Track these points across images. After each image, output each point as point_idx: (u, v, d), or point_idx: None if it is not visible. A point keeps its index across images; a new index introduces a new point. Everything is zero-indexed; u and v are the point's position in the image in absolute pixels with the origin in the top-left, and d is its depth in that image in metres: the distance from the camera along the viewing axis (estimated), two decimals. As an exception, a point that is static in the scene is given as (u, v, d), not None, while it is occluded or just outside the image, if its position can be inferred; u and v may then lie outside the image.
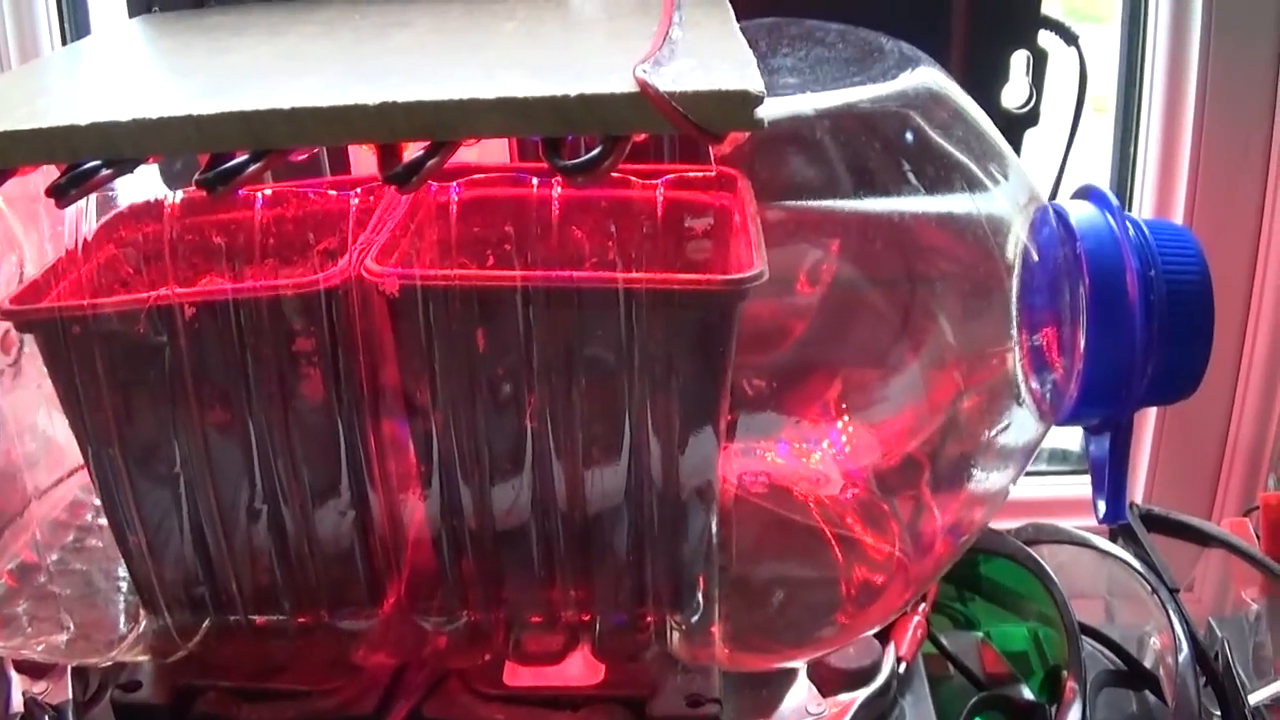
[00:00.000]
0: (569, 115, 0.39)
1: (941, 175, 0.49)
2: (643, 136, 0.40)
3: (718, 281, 0.43)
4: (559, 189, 0.44)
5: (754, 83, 0.39)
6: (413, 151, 0.40)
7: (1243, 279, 0.97)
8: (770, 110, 0.39)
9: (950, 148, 0.49)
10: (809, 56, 0.49)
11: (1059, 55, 0.67)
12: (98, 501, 0.61)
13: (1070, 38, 0.66)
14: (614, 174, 0.41)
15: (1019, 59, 0.65)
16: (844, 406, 0.57)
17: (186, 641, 0.51)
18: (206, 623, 0.51)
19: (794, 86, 0.45)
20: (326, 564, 0.48)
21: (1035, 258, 0.51)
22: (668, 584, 0.49)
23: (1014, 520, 0.68)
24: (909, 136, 0.48)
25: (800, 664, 0.52)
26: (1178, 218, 0.95)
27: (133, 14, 0.68)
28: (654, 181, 0.46)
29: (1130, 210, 0.92)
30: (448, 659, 0.50)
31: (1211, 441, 1.02)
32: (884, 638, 0.54)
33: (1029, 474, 0.55)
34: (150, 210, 0.54)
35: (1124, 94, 0.96)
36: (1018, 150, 0.69)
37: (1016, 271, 0.51)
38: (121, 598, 0.55)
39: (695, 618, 0.50)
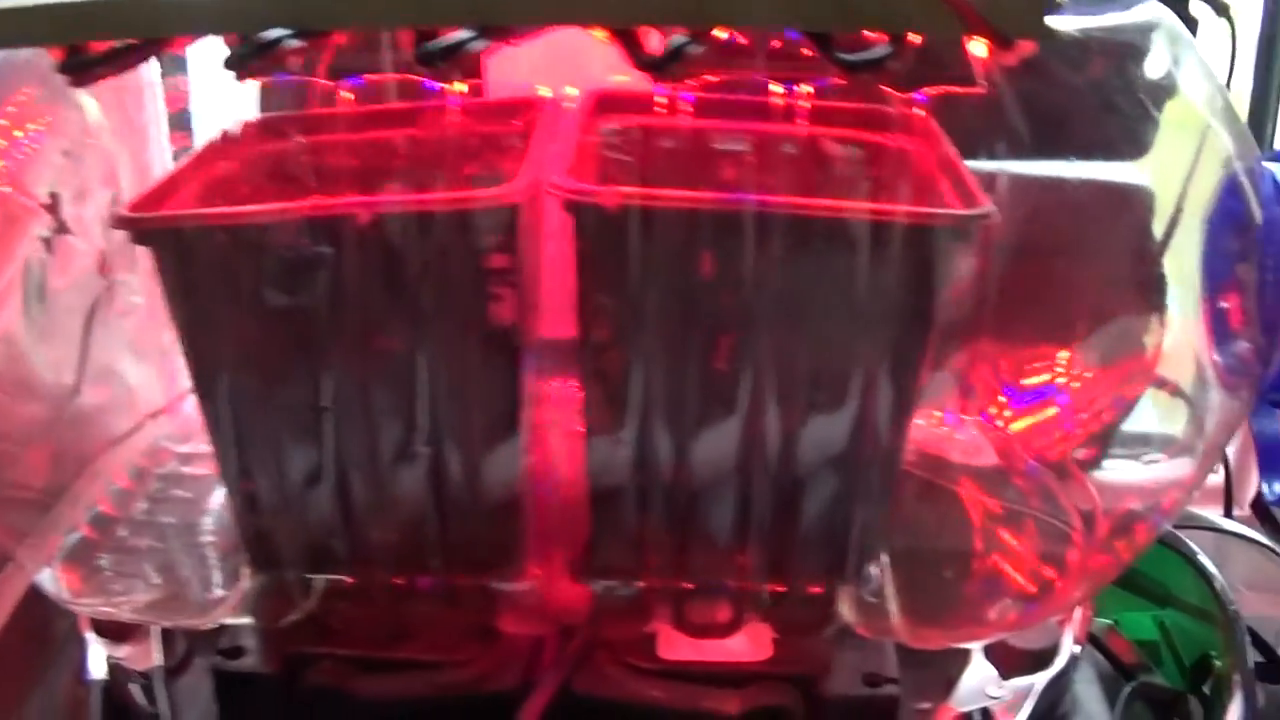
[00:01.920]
0: (851, 6, 0.32)
1: (1152, 114, 0.43)
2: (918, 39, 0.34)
3: (957, 217, 0.38)
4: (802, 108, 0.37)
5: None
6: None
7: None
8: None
9: (1170, 87, 0.43)
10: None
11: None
12: (183, 449, 0.54)
13: (1220, 8, 0.60)
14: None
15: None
16: (1005, 376, 0.52)
17: (301, 603, 0.44)
18: (323, 583, 0.44)
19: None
20: (485, 516, 0.41)
21: (1244, 217, 0.45)
22: (853, 552, 0.43)
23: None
24: (1137, 70, 0.42)
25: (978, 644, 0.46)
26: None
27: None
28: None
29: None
30: (604, 628, 0.44)
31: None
32: (1058, 618, 0.48)
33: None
34: (266, 128, 0.47)
35: (1254, 105, 0.85)
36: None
37: (1203, 231, 0.45)
38: (219, 553, 0.47)
39: (872, 588, 0.44)
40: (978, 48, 0.35)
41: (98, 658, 0.48)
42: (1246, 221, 0.44)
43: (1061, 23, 0.38)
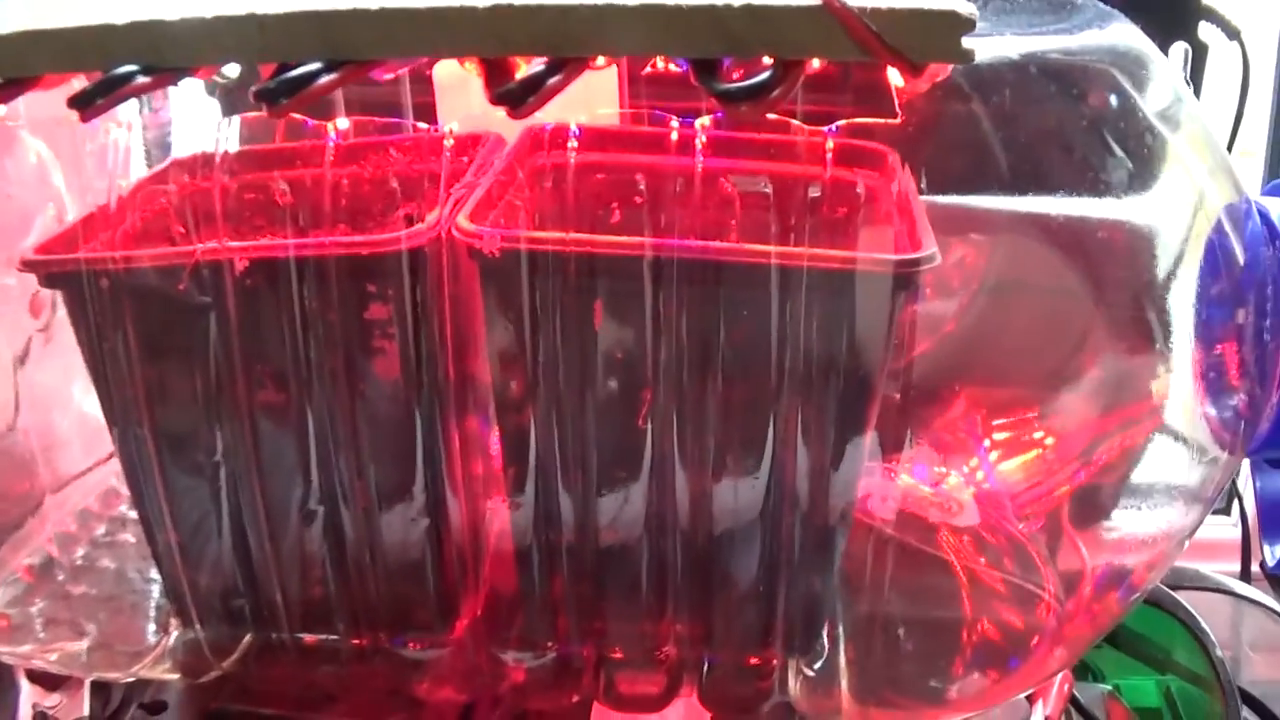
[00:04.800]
0: (731, 30, 0.28)
1: (1143, 151, 0.38)
2: (818, 65, 0.29)
3: (891, 262, 0.32)
4: (703, 139, 0.32)
5: (962, 4, 0.28)
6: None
7: None
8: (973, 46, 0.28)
9: (1154, 120, 0.37)
10: (988, 5, 0.37)
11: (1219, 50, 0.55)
12: (133, 491, 0.50)
13: (1232, 32, 0.54)
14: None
15: (1177, 51, 0.54)
16: (988, 426, 0.46)
17: (221, 660, 0.40)
18: (247, 639, 0.40)
19: (984, 30, 0.34)
20: (391, 578, 0.37)
21: (1234, 259, 0.39)
22: (798, 620, 0.37)
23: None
24: (1114, 99, 0.36)
25: (939, 724, 0.40)
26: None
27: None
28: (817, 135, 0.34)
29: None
30: (527, 698, 0.39)
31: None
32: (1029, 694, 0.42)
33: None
34: (206, 162, 0.43)
35: (1274, 134, 0.80)
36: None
37: (1196, 276, 0.40)
38: (152, 603, 0.44)
39: (820, 662, 0.38)
40: (895, 75, 0.30)
41: (27, 706, 0.44)
42: (1231, 264, 0.38)
43: (990, 45, 0.33)
